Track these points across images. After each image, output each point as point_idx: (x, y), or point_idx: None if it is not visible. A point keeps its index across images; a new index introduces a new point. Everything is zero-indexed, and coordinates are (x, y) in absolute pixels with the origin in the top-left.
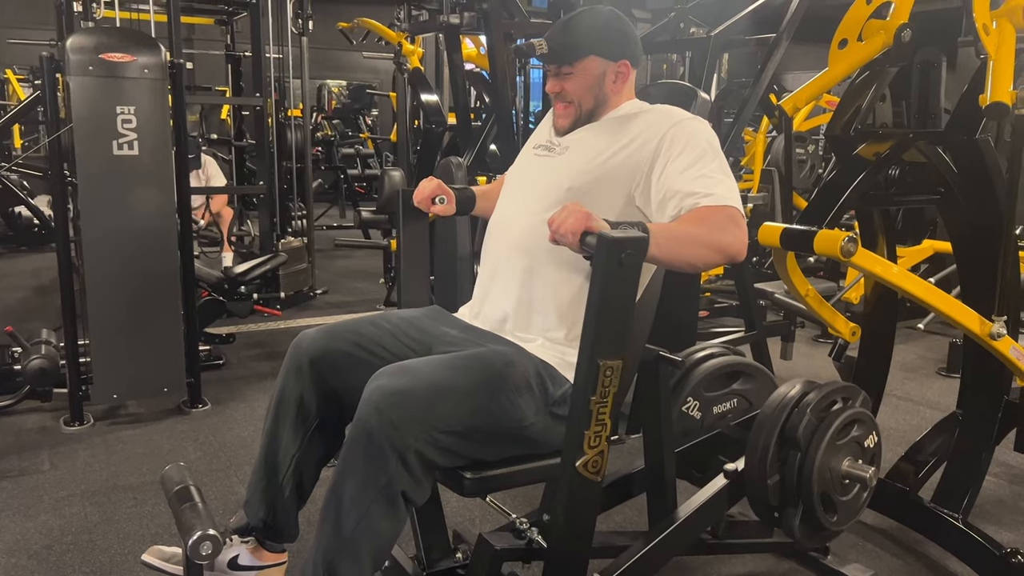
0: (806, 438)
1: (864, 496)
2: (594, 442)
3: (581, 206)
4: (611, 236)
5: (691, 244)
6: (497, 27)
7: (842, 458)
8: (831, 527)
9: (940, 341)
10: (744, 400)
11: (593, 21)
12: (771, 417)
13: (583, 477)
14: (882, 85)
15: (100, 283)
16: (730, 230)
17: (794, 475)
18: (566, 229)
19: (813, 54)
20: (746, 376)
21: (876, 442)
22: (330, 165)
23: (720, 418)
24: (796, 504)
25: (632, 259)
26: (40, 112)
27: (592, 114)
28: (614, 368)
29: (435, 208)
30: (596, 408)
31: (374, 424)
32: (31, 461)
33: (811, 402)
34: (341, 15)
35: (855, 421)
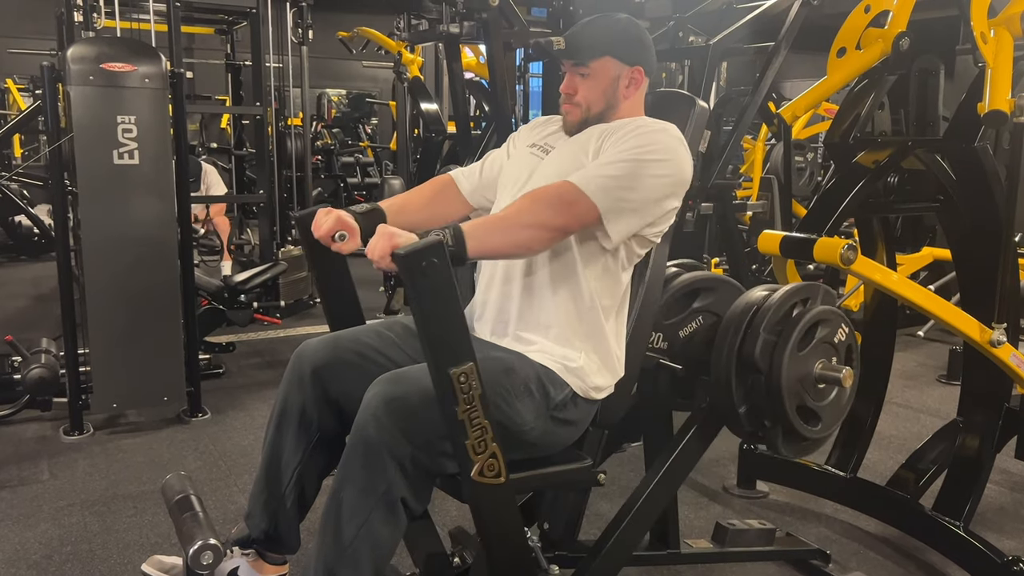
0: (765, 360)
1: (847, 394)
2: (479, 448)
3: (389, 227)
4: (403, 251)
5: (510, 228)
6: (496, 36)
7: (812, 363)
8: (817, 435)
9: (940, 348)
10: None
11: (612, 25)
12: (726, 344)
13: (486, 485)
14: (881, 93)
15: (100, 292)
16: (551, 203)
17: (762, 400)
18: (378, 255)
19: (812, 62)
20: (706, 291)
21: (847, 333)
22: (330, 174)
23: (689, 340)
24: (774, 424)
25: (435, 265)
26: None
27: (601, 118)
28: (468, 372)
29: (336, 246)
30: (467, 416)
31: (372, 431)
32: (31, 471)
33: (764, 318)
34: (341, 24)
35: (818, 322)
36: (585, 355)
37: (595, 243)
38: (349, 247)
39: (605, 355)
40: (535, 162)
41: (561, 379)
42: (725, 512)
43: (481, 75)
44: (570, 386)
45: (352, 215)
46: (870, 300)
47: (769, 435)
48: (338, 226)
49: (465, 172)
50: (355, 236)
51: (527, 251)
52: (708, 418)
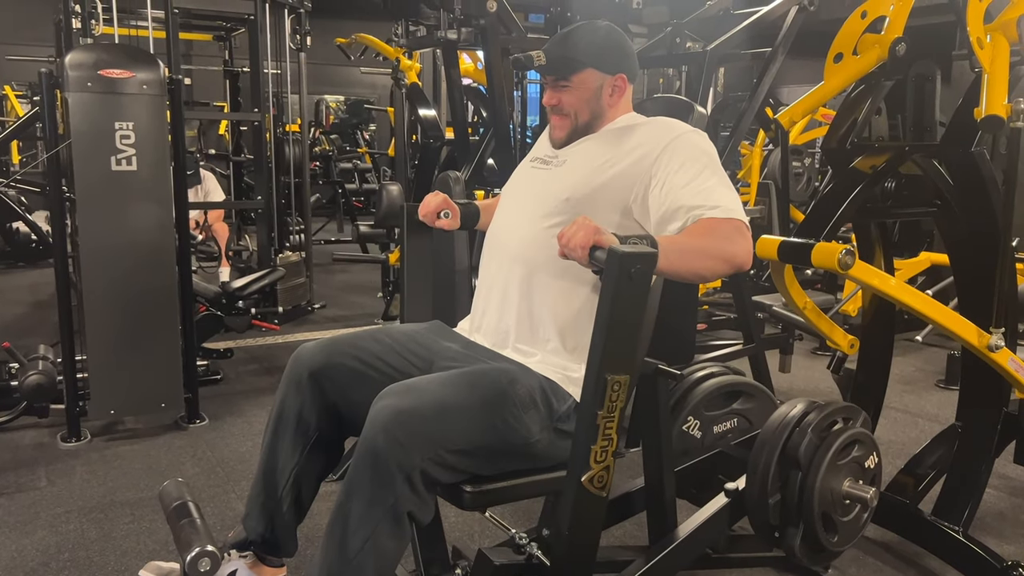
0: (807, 458)
1: (865, 517)
2: (600, 457)
3: (591, 220)
4: (621, 251)
5: (699, 256)
6: (494, 42)
7: (843, 478)
8: (832, 547)
9: (938, 353)
10: (744, 419)
11: (591, 35)
12: (773, 436)
13: (589, 492)
14: (877, 98)
15: (98, 298)
16: (736, 240)
17: (795, 495)
18: (576, 243)
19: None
20: (746, 395)
21: (876, 462)
22: (328, 180)
23: (720, 437)
24: (797, 524)
25: (642, 273)
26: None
27: (589, 127)
28: (621, 383)
29: (440, 222)
30: (603, 423)
31: (381, 444)
32: (28, 477)
33: (812, 422)
34: (339, 31)
35: (856, 441)
36: (585, 365)
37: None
38: (451, 224)
39: None
40: (534, 174)
41: (563, 390)
42: None
43: (479, 81)
44: (572, 397)
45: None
46: (868, 305)
47: (788, 535)
48: (444, 205)
49: None
50: (456, 217)
51: (699, 280)
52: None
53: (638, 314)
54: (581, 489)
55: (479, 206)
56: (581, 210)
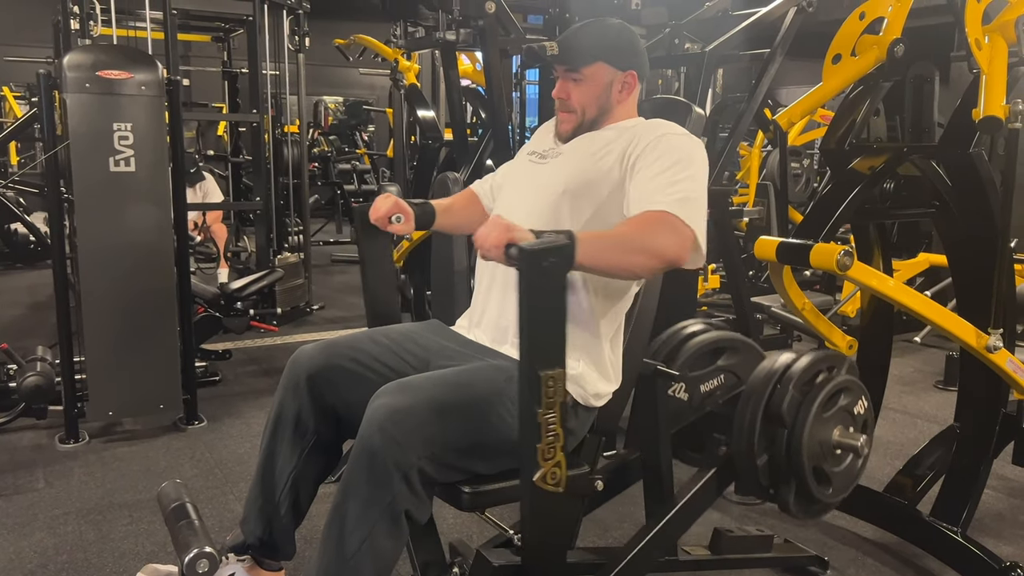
0: (791, 415)
1: (859, 464)
2: (548, 454)
3: (503, 219)
4: (531, 247)
5: (620, 250)
6: (493, 43)
7: (832, 429)
8: (827, 499)
9: (937, 354)
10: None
11: (605, 30)
12: (754, 397)
13: (544, 491)
14: (876, 100)
15: (96, 300)
16: (664, 234)
17: (783, 453)
18: (490, 243)
19: (807, 69)
20: (731, 351)
21: (866, 407)
22: (327, 181)
23: (708, 396)
24: (788, 481)
25: (556, 267)
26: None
27: (595, 122)
28: (556, 378)
29: (391, 227)
30: (545, 420)
31: (377, 443)
32: (26, 479)
33: (794, 376)
34: (338, 32)
35: (841, 390)
36: (583, 363)
37: None
38: (404, 229)
39: (602, 363)
40: (532, 168)
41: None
42: (723, 519)
43: (478, 82)
44: (570, 394)
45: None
46: (867, 306)
47: (782, 493)
48: (396, 208)
49: (482, 183)
50: (410, 220)
51: (630, 276)
52: (724, 467)
53: (560, 308)
54: (536, 489)
55: (438, 207)
56: (578, 202)
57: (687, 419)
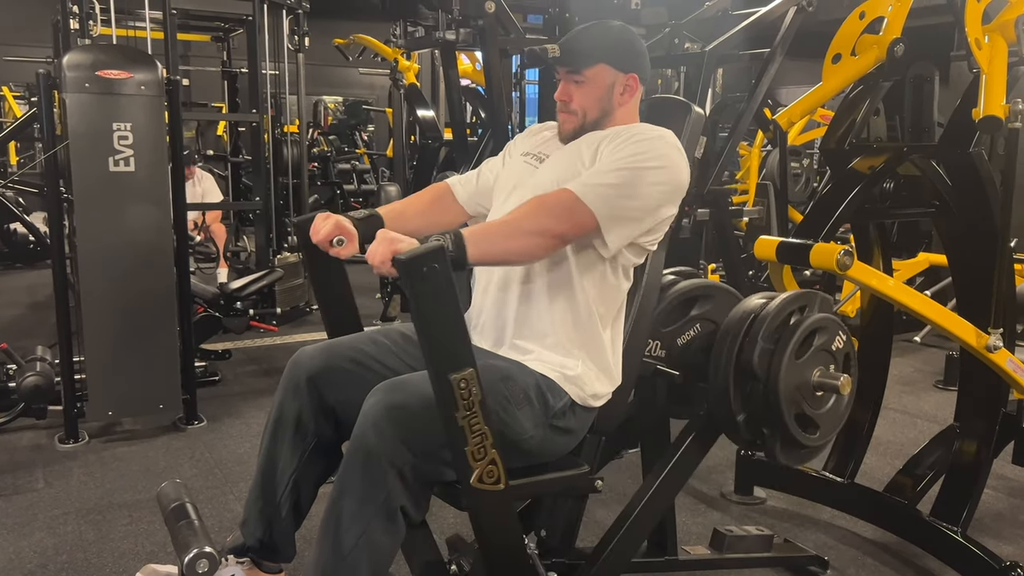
0: (763, 367)
1: (845, 402)
2: (479, 455)
3: (390, 233)
4: (406, 256)
5: (509, 236)
6: (493, 43)
7: (810, 371)
8: (815, 443)
9: (937, 354)
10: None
11: (606, 32)
12: (724, 352)
13: (485, 491)
14: (876, 99)
15: (96, 300)
16: (551, 214)
17: (760, 408)
18: (379, 260)
19: (807, 69)
20: (703, 298)
21: (844, 341)
22: (326, 181)
23: (687, 348)
24: (773, 432)
25: (436, 270)
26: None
27: (597, 124)
28: (468, 378)
29: (333, 251)
30: (467, 422)
31: (372, 440)
32: (25, 479)
33: (762, 327)
34: (337, 32)
35: (815, 330)
36: (583, 363)
37: (592, 251)
38: (347, 252)
39: (602, 363)
40: (528, 170)
41: (560, 387)
42: (723, 518)
43: (477, 82)
44: (569, 394)
45: (350, 220)
46: (867, 306)
47: (767, 443)
48: (336, 231)
49: (462, 180)
50: (353, 241)
51: (528, 258)
52: (706, 425)
53: (452, 308)
54: (476, 491)
55: (385, 216)
56: None
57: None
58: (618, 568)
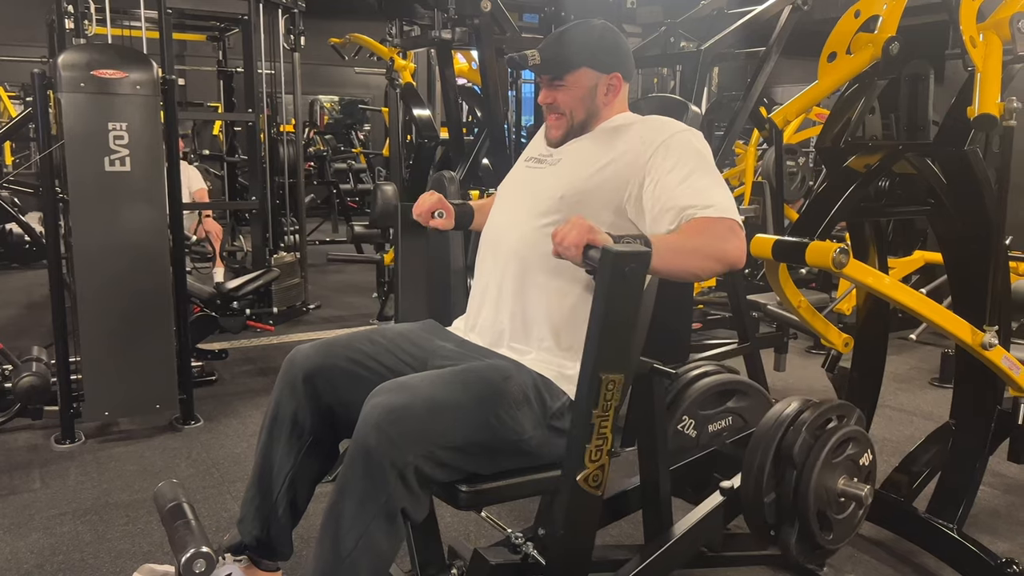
0: (802, 456)
1: (860, 514)
2: (595, 456)
3: (584, 219)
4: (615, 250)
5: (692, 256)
6: (489, 42)
7: (838, 476)
8: (827, 545)
9: (932, 352)
10: (739, 418)
11: (586, 34)
12: (767, 435)
13: (584, 491)
14: (871, 98)
15: (91, 300)
16: (729, 239)
17: (790, 493)
18: (569, 242)
19: (802, 67)
20: (740, 394)
21: (871, 460)
22: (322, 180)
23: (715, 436)
24: (792, 522)
25: (635, 272)
26: (31, 129)
27: (584, 126)
28: (616, 382)
29: (434, 222)
30: (598, 422)
31: (373, 441)
32: (22, 480)
33: (806, 420)
34: (333, 31)
35: (850, 439)
36: (579, 363)
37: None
38: (446, 224)
39: None
40: (529, 174)
41: (557, 387)
42: None
43: (473, 81)
44: (567, 394)
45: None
46: (862, 304)
47: (784, 532)
48: (439, 205)
49: None
50: (451, 216)
51: (694, 279)
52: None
53: (632, 313)
54: (576, 488)
55: (474, 207)
56: (575, 208)
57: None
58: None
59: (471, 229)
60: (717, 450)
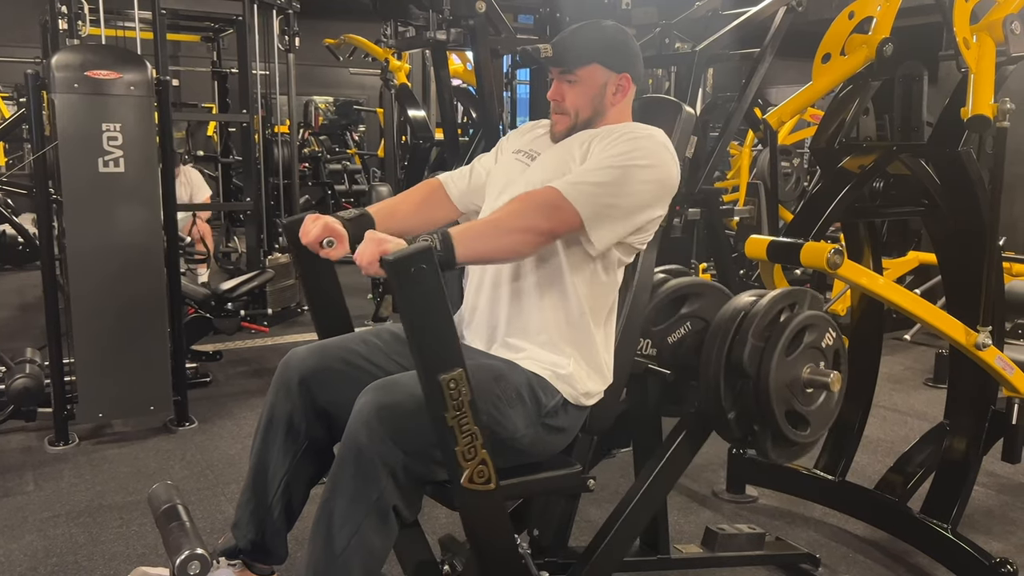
0: (753, 365)
1: (836, 398)
2: (469, 455)
3: (377, 233)
4: (394, 256)
5: (496, 234)
6: (483, 43)
7: (800, 368)
8: (805, 439)
9: (926, 352)
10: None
11: (599, 32)
12: (714, 350)
13: (476, 492)
14: (865, 99)
15: (85, 301)
16: (537, 212)
17: (751, 405)
18: (366, 261)
19: (797, 69)
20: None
21: (834, 338)
22: (317, 181)
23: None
24: (764, 429)
25: (424, 270)
26: (25, 130)
27: (588, 124)
28: (456, 379)
29: (324, 252)
30: (456, 423)
31: (364, 439)
32: (15, 482)
33: (752, 323)
34: (328, 32)
35: (805, 327)
36: (574, 361)
37: (582, 249)
38: (337, 253)
39: (594, 361)
40: (520, 168)
41: (552, 386)
42: (715, 517)
43: (468, 82)
44: (561, 393)
45: (340, 221)
46: (857, 304)
47: (758, 440)
48: (326, 232)
49: (454, 176)
50: (343, 242)
51: (514, 255)
52: (697, 423)
53: (441, 308)
54: (466, 491)
55: (376, 214)
56: None
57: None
58: (610, 567)
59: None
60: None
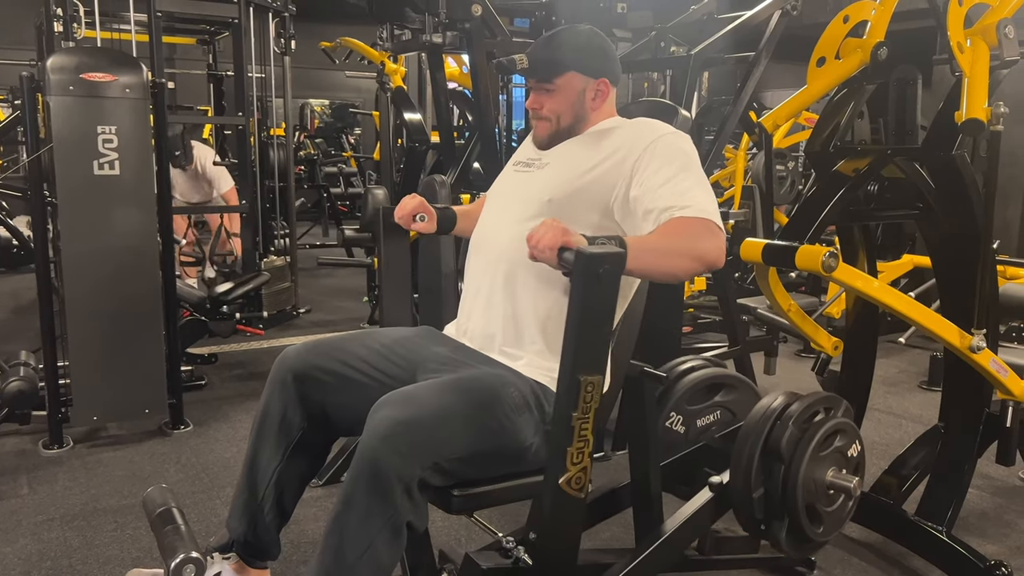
0: (789, 450)
1: (849, 506)
2: (576, 459)
3: (559, 222)
4: (588, 252)
5: (668, 255)
6: (479, 46)
7: (826, 469)
8: (817, 538)
9: (921, 355)
10: (727, 412)
11: (574, 39)
12: (754, 430)
13: (566, 494)
14: (860, 102)
15: (80, 304)
16: (706, 238)
17: (779, 487)
18: (544, 245)
19: (792, 72)
20: (728, 388)
21: (859, 451)
22: (313, 184)
23: (704, 431)
24: (782, 516)
25: (610, 274)
26: (20, 132)
27: (571, 129)
28: (595, 384)
29: (416, 225)
30: (578, 424)
31: (381, 455)
32: (9, 485)
33: (794, 414)
34: (323, 35)
35: (837, 431)
36: None
37: None
38: (426, 228)
39: None
40: (517, 178)
41: (553, 393)
42: None
43: (464, 85)
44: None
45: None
46: (852, 307)
47: (773, 527)
48: (420, 208)
49: None
50: (433, 220)
51: (673, 279)
52: (720, 496)
53: (608, 314)
54: (559, 491)
55: (457, 212)
56: (563, 211)
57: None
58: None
59: (456, 235)
60: (706, 445)
